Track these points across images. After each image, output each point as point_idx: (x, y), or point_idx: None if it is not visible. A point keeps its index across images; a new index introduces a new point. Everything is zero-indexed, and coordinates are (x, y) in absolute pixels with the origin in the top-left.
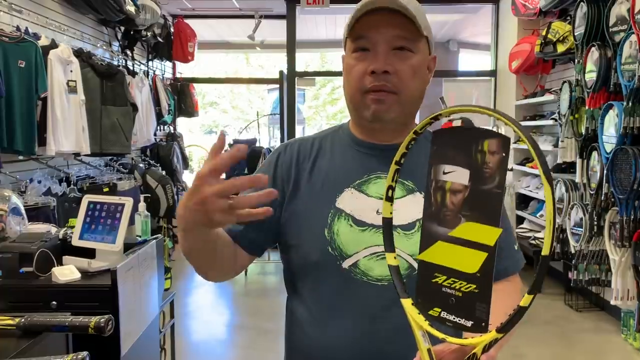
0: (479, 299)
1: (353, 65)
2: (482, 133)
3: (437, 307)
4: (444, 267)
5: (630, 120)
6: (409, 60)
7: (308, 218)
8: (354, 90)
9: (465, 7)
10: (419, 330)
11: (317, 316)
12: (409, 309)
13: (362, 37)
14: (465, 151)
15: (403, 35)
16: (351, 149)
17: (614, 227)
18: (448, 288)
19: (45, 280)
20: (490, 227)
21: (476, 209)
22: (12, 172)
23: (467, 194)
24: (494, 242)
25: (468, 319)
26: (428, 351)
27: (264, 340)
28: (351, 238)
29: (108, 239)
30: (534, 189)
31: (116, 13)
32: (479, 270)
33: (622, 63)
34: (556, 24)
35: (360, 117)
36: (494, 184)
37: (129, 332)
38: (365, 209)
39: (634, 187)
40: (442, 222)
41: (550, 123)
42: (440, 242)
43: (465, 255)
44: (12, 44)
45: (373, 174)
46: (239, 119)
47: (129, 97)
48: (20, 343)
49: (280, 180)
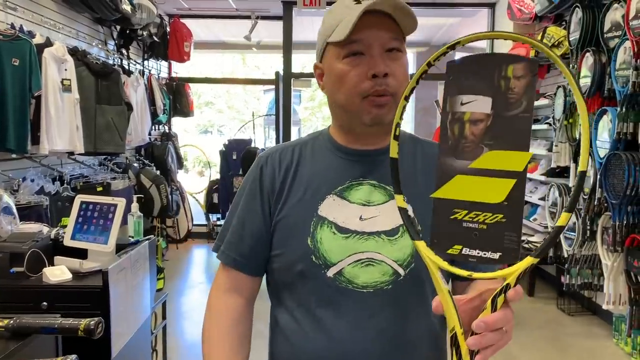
0: (507, 229)
1: (347, 71)
2: (506, 58)
3: (457, 245)
4: (464, 202)
5: (624, 126)
6: (401, 61)
7: (291, 227)
8: (351, 96)
9: (462, 10)
10: (437, 270)
11: (302, 325)
12: (424, 250)
13: (354, 41)
14: (486, 79)
15: (395, 36)
16: (332, 155)
17: (607, 232)
18: (470, 222)
19: (36, 281)
20: (518, 152)
21: (501, 136)
22: (5, 171)
23: (489, 123)
24: (524, 167)
25: (495, 251)
26: (449, 292)
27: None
28: (335, 246)
29: (100, 240)
30: (528, 193)
31: (112, 12)
32: (507, 198)
33: (616, 69)
34: (551, 29)
35: (357, 122)
36: (521, 109)
37: (120, 333)
38: (348, 215)
39: (627, 193)
40: (461, 154)
41: (544, 127)
42: (460, 176)
43: (489, 186)
44: (6, 42)
45: (355, 181)
46: (235, 119)
47: (123, 97)
48: (9, 345)
49: (267, 193)
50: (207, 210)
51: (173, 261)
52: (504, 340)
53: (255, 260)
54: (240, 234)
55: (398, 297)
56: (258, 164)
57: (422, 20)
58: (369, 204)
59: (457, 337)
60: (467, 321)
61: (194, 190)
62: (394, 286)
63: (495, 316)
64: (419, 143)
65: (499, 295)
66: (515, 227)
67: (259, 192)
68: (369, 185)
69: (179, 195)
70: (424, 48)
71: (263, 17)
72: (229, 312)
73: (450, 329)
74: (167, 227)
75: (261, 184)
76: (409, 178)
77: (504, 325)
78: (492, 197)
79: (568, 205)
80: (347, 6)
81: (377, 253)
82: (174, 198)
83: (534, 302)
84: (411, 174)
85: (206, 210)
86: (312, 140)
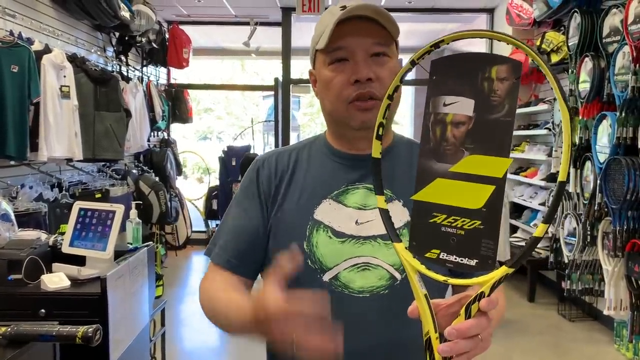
0: (484, 236)
1: (332, 77)
2: (490, 59)
3: (435, 249)
4: (444, 206)
5: (624, 131)
6: (387, 65)
7: (287, 231)
8: (337, 102)
9: (461, 16)
10: (415, 274)
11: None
12: (402, 252)
13: (338, 48)
14: (469, 80)
15: (378, 41)
16: (328, 160)
17: (607, 237)
18: (448, 227)
19: (34, 288)
20: (498, 158)
21: (482, 140)
22: (4, 178)
23: (471, 125)
24: (503, 174)
25: (472, 258)
26: (425, 297)
27: (255, 349)
28: (331, 250)
29: (98, 246)
30: (528, 198)
31: (111, 19)
32: (485, 204)
33: (615, 73)
34: (550, 34)
35: (345, 127)
36: (503, 112)
37: (118, 340)
38: (344, 219)
39: (627, 197)
40: (442, 157)
41: (544, 132)
42: (440, 180)
43: (468, 191)
44: (5, 49)
45: (351, 185)
46: (234, 126)
47: (122, 103)
48: (6, 353)
49: (264, 196)
50: (206, 216)
51: (172, 268)
52: (480, 348)
53: (249, 263)
54: (236, 235)
55: (394, 302)
56: (255, 167)
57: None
58: (364, 208)
59: (432, 342)
60: (446, 326)
61: (193, 197)
62: (390, 291)
63: (467, 324)
64: (416, 147)
65: (473, 303)
66: (493, 235)
67: (256, 195)
68: (364, 189)
69: (178, 202)
70: None
71: (262, 24)
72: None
73: (425, 332)
74: (166, 234)
75: (258, 187)
76: (404, 184)
77: (477, 332)
78: (471, 203)
79: (546, 217)
80: (332, 14)
81: (373, 257)
82: (173, 205)
83: (535, 307)
84: (407, 180)
85: (205, 216)
86: (308, 144)
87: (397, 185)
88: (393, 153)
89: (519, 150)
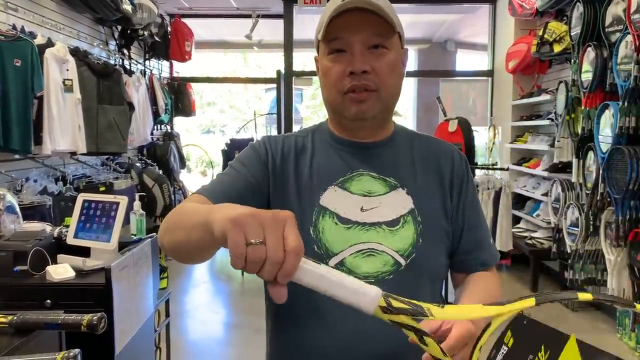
0: None
1: (330, 68)
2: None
3: None
4: None
5: (626, 120)
6: (385, 58)
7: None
8: (333, 92)
9: (463, 7)
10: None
11: (303, 319)
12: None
13: (336, 38)
14: None
15: (377, 33)
16: (332, 148)
17: (610, 227)
18: None
19: (39, 279)
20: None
21: None
22: (8, 171)
23: None
24: None
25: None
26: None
27: (260, 339)
28: (337, 236)
29: (103, 238)
30: (531, 189)
31: (113, 12)
32: None
33: (617, 63)
34: (553, 24)
35: (341, 117)
36: None
37: (123, 330)
38: (350, 206)
39: (630, 187)
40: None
41: (546, 123)
42: None
43: None
44: (8, 43)
45: (355, 172)
46: (237, 119)
47: (125, 96)
48: (13, 341)
49: (270, 165)
50: None
51: (176, 261)
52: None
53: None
54: (227, 185)
55: (399, 287)
56: (261, 141)
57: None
58: (370, 195)
59: None
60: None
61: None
62: (395, 276)
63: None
64: (416, 138)
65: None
66: None
67: (259, 159)
68: (369, 176)
69: (182, 195)
70: (425, 45)
71: (264, 16)
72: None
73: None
74: None
75: (265, 153)
76: (407, 173)
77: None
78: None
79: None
80: (335, 3)
81: (378, 243)
82: (177, 198)
83: None
84: (409, 169)
85: None
86: (311, 132)
87: (401, 173)
88: (394, 142)
89: (522, 140)
